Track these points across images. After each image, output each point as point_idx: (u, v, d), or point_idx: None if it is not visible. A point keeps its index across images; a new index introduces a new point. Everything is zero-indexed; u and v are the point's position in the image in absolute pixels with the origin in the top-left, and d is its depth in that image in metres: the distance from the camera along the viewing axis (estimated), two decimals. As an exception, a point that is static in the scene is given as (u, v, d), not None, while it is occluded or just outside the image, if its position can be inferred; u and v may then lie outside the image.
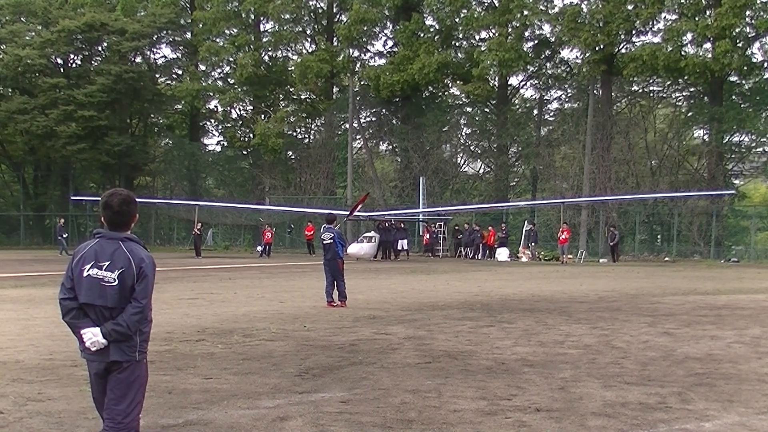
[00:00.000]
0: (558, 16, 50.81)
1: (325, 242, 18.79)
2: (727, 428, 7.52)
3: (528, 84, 61.30)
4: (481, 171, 63.69)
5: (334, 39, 59.94)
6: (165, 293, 19.91)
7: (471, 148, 62.87)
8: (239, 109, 66.65)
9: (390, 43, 61.17)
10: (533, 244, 46.59)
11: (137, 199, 5.68)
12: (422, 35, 55.97)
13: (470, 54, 55.31)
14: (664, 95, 56.84)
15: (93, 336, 5.33)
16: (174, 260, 39.84)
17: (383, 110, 61.99)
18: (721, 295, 21.81)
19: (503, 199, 55.54)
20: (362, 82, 59.10)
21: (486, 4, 55.83)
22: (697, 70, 46.43)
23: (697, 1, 47.14)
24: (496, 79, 57.60)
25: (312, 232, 48.96)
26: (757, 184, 60.31)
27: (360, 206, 40.30)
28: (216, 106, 65.47)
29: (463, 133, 63.57)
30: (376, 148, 65.43)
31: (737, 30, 45.88)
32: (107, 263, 5.35)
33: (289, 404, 8.27)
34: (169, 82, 65.69)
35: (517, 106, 62.14)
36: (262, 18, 61.93)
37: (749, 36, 48.19)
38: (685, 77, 49.70)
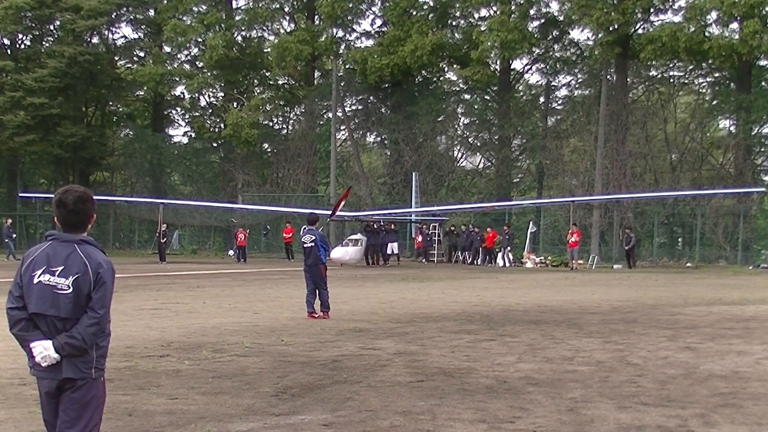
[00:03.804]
0: (567, -9, 50.97)
1: (305, 246, 18.76)
2: (756, 454, 7.55)
3: (533, 68, 61.51)
4: (481, 166, 63.81)
5: (316, 17, 59.87)
6: (125, 303, 19.86)
7: (469, 140, 62.99)
8: (209, 96, 66.63)
9: (378, 21, 61.29)
10: (508, 248, 46.48)
11: (94, 197, 5.67)
12: (415, 13, 55.99)
13: (468, 34, 55.35)
14: (686, 81, 57.04)
15: (44, 350, 5.32)
16: (135, 266, 39.74)
17: (371, 97, 62.03)
18: (749, 305, 21.88)
19: (505, 198, 55.62)
20: (347, 66, 59.06)
21: (487, -22, 55.94)
22: (723, 53, 46.56)
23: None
24: (498, 62, 57.68)
25: (291, 235, 48.90)
26: (789, 181, 60.59)
27: (343, 203, 40.35)
28: (182, 93, 65.37)
29: (461, 124, 63.77)
30: (362, 140, 65.46)
31: (767, 8, 46.01)
32: (61, 268, 5.34)
33: (264, 428, 8.26)
34: (129, 65, 65.49)
35: (521, 94, 62.26)
36: (234, -7, 62.02)
37: (781, 15, 48.36)
38: (709, 61, 49.85)
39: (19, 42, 64.12)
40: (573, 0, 49.68)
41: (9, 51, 62.80)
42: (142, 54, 66.48)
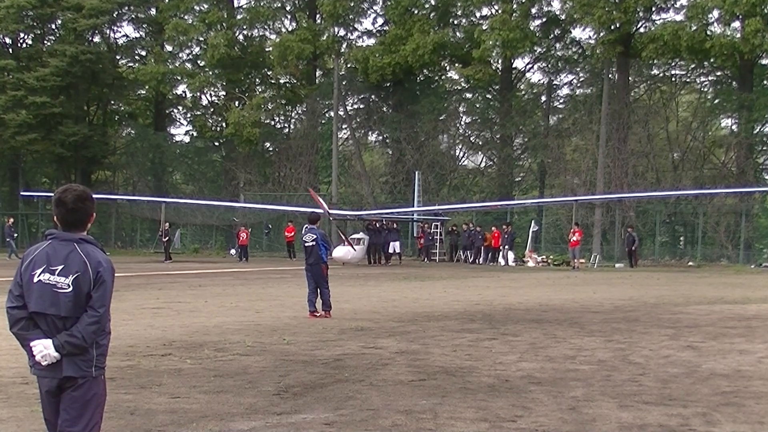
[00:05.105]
0: (569, -10, 50.89)
1: (306, 244, 18.75)
2: (758, 453, 7.53)
3: (535, 67, 61.41)
4: (483, 165, 63.75)
5: (317, 16, 59.84)
6: (126, 302, 19.86)
7: (471, 139, 62.92)
8: (210, 94, 66.55)
9: (380, 20, 61.17)
10: (507, 247, 46.45)
11: (95, 196, 5.67)
12: (416, 12, 55.93)
13: (470, 33, 55.29)
14: (688, 80, 56.96)
15: (44, 349, 5.31)
16: (137, 265, 39.74)
17: (372, 96, 61.98)
18: (751, 304, 21.86)
19: (507, 197, 55.58)
20: (349, 65, 59.00)
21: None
22: (725, 52, 46.51)
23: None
24: (500, 61, 57.57)
25: (292, 234, 48.91)
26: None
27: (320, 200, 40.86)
28: (184, 92, 65.37)
29: (463, 123, 63.65)
30: (364, 139, 65.43)
31: (769, 7, 46.00)
32: (60, 267, 5.34)
33: (266, 426, 8.25)
34: (131, 64, 65.39)
35: (523, 92, 62.19)
36: (236, -8, 61.98)
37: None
38: (711, 60, 49.81)
39: (21, 41, 64.10)
40: (575, -2, 49.70)
41: (11, 50, 62.76)
42: (143, 53, 66.48)
